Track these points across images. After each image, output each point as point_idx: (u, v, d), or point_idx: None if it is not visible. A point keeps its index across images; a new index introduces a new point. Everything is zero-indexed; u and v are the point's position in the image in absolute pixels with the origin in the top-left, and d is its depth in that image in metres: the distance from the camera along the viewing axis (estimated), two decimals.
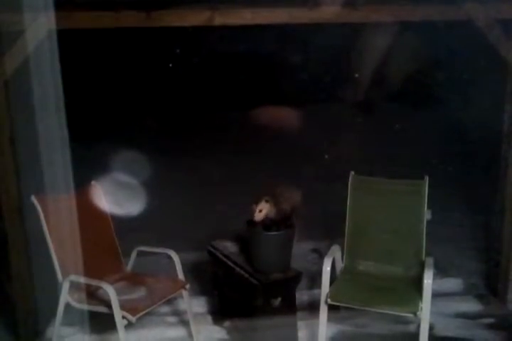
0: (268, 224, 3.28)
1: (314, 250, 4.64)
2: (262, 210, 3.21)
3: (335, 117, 8.79)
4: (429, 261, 3.22)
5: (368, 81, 9.71)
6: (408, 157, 7.04)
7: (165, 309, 3.79)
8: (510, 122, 3.74)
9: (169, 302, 3.65)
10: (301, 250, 4.12)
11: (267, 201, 3.22)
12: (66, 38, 3.11)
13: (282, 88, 9.79)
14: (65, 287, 3.07)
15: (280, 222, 3.28)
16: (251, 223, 3.30)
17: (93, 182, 3.52)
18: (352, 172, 3.63)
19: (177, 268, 3.38)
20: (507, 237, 3.83)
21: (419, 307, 2.99)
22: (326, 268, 3.18)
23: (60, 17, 2.98)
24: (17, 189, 3.26)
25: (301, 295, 3.79)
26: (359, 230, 3.56)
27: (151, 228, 4.80)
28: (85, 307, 3.11)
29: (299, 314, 3.43)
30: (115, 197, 3.69)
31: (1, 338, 3.48)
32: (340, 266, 3.49)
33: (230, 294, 3.55)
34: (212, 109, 9.91)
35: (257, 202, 3.21)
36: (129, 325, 2.99)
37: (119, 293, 3.01)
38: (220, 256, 3.57)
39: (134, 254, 3.49)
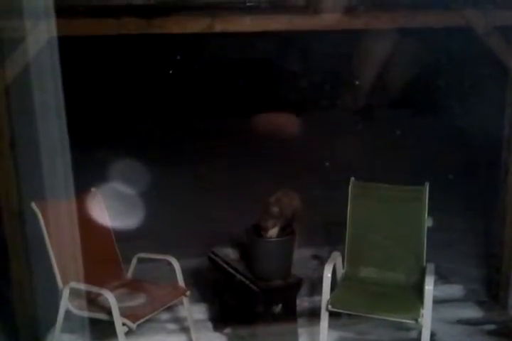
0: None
1: (315, 256, 4.63)
2: (275, 226, 3.22)
3: (335, 124, 8.81)
4: (430, 267, 3.22)
5: (368, 87, 9.74)
6: (408, 163, 7.04)
7: (165, 316, 3.78)
8: (510, 128, 3.74)
9: (169, 309, 3.64)
10: (301, 256, 4.11)
11: (275, 216, 3.22)
12: (67, 45, 3.12)
13: (282, 95, 9.82)
14: (65, 294, 3.06)
15: (281, 229, 3.28)
16: (252, 229, 3.30)
17: (93, 189, 3.52)
18: (352, 179, 3.62)
19: (177, 274, 3.37)
20: (508, 243, 3.83)
21: (421, 314, 2.99)
22: (327, 275, 3.17)
23: (60, 24, 2.99)
24: (17, 194, 3.26)
25: (302, 302, 3.78)
26: (360, 236, 3.56)
27: (151, 234, 4.79)
28: (85, 314, 3.10)
29: (300, 321, 3.43)
30: (115, 204, 3.69)
31: None
32: (340, 272, 3.48)
33: (231, 301, 3.54)
34: (213, 115, 9.93)
35: (267, 219, 3.22)
36: (130, 332, 2.98)
37: (119, 299, 3.00)
38: (221, 262, 3.56)
39: (134, 261, 3.48)
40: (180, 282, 3.38)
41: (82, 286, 3.08)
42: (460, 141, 7.68)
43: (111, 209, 3.54)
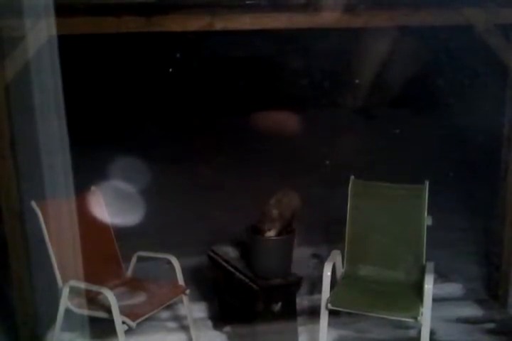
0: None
1: (315, 255, 4.64)
2: (274, 227, 3.22)
3: (335, 122, 8.81)
4: (430, 265, 3.22)
5: (367, 86, 9.72)
6: (408, 161, 7.04)
7: (165, 314, 3.78)
8: (510, 126, 3.74)
9: (169, 307, 3.64)
10: (301, 255, 4.11)
11: (275, 218, 3.22)
12: (67, 43, 3.12)
13: (282, 93, 9.80)
14: (65, 292, 3.06)
15: (281, 227, 3.28)
16: (251, 228, 3.30)
17: (93, 188, 3.52)
18: (352, 177, 3.62)
19: (177, 273, 3.37)
20: (507, 241, 3.83)
21: (420, 312, 2.99)
22: (327, 273, 3.18)
23: (60, 22, 2.99)
24: (17, 193, 3.26)
25: (302, 301, 3.78)
26: (359, 235, 3.56)
27: (150, 233, 4.80)
28: (85, 312, 3.10)
29: (300, 319, 3.43)
30: (115, 203, 3.68)
31: None
32: (340, 271, 3.48)
33: (230, 299, 3.55)
34: (213, 114, 9.92)
35: (265, 221, 3.22)
36: (129, 331, 2.98)
37: (119, 298, 3.00)
38: (220, 261, 3.56)
39: (134, 259, 3.49)
40: (180, 280, 3.38)
41: (82, 285, 3.08)
42: (460, 140, 7.68)
43: (110, 207, 3.54)
